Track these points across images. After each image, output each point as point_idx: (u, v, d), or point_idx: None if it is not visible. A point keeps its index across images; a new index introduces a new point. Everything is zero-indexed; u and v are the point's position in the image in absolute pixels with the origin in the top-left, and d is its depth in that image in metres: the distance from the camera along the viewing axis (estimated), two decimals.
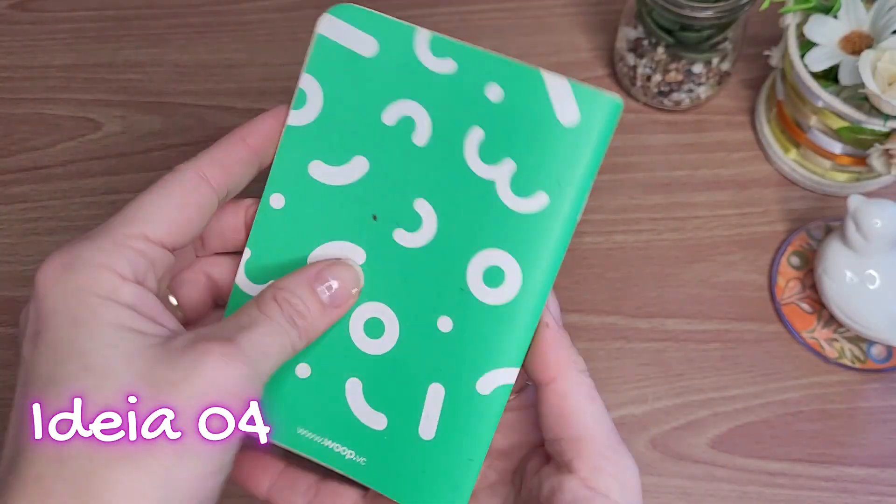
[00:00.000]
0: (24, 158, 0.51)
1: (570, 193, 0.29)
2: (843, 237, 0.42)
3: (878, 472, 0.42)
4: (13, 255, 0.48)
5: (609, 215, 0.49)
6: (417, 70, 0.30)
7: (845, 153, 0.46)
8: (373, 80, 0.30)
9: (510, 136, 0.29)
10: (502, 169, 0.29)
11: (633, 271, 0.47)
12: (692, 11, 0.43)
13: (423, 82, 0.30)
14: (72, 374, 0.25)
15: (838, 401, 0.44)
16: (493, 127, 0.29)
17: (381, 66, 0.30)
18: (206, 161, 0.30)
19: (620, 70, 0.51)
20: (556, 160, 0.29)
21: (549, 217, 0.29)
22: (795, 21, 0.44)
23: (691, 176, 0.50)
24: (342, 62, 0.31)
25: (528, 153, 0.29)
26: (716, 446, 0.43)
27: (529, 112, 0.29)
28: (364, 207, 0.31)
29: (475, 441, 0.30)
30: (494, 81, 0.29)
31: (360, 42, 0.30)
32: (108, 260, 0.27)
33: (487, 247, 0.30)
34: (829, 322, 0.45)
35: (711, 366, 0.45)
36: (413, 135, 0.30)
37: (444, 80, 0.30)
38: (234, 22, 0.55)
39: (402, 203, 0.30)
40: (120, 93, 0.53)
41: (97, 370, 0.25)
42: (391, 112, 0.30)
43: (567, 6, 0.55)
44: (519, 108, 0.29)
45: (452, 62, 0.30)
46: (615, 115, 0.29)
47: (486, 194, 0.29)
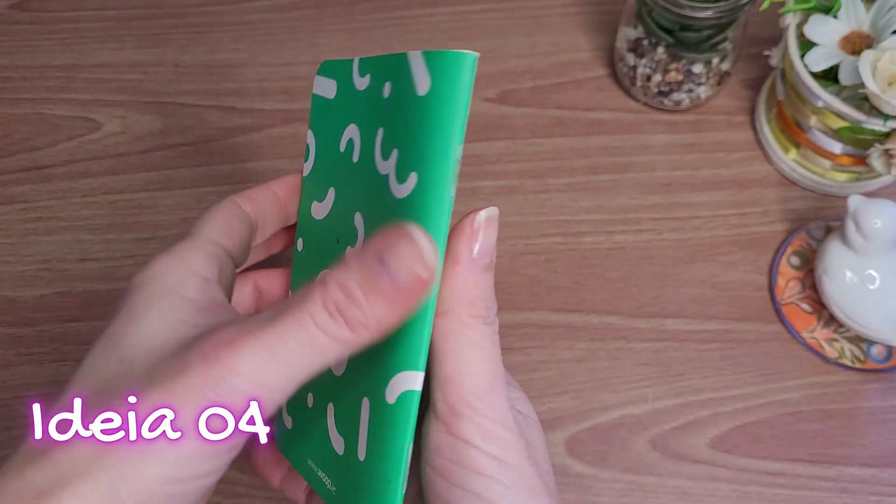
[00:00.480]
0: (24, 158, 0.51)
1: (433, 165, 0.26)
2: (843, 237, 0.42)
3: (878, 472, 0.42)
4: (13, 255, 0.48)
5: (609, 215, 0.49)
6: (352, 94, 0.31)
7: (845, 153, 0.46)
8: (334, 117, 0.32)
9: (395, 126, 0.28)
10: (391, 161, 0.28)
11: (633, 271, 0.47)
12: (692, 11, 0.43)
13: (355, 104, 0.31)
14: (110, 362, 0.25)
15: (838, 401, 0.44)
16: (387, 123, 0.29)
17: (338, 102, 0.32)
18: (237, 195, 0.32)
19: (620, 70, 0.51)
20: (418, 134, 0.27)
21: (420, 196, 0.26)
22: (795, 21, 0.44)
23: (691, 176, 0.50)
24: (322, 111, 0.33)
25: (403, 137, 0.28)
26: (716, 446, 0.43)
27: (402, 97, 0.28)
28: (333, 233, 0.32)
29: (391, 457, 0.27)
30: (388, 80, 0.29)
31: (328, 89, 0.33)
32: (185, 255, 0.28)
33: None
34: (829, 322, 0.45)
35: (711, 366, 0.45)
36: (352, 154, 0.31)
37: (363, 95, 0.31)
38: (234, 22, 0.55)
39: (348, 221, 0.31)
40: (120, 93, 0.53)
41: (127, 361, 0.25)
42: (343, 140, 0.32)
43: (567, 6, 0.55)
44: (397, 97, 0.28)
45: (368, 76, 0.31)
46: (465, 69, 0.26)
47: (385, 190, 0.28)
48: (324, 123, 0.33)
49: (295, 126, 0.51)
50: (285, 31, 0.55)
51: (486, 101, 0.52)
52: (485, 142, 0.51)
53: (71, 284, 0.47)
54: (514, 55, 0.54)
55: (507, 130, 0.51)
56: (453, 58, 0.26)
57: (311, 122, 0.34)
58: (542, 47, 0.54)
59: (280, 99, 0.52)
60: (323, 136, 0.33)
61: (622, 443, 0.43)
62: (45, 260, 0.48)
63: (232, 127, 0.52)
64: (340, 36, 0.55)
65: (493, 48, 0.54)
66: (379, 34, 0.55)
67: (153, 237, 0.48)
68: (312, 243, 0.33)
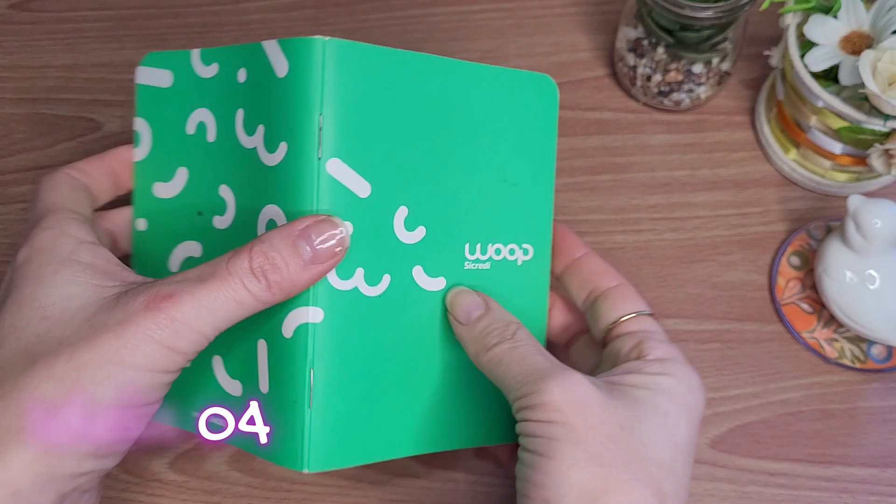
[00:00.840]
0: (24, 158, 0.51)
1: (302, 134, 0.32)
2: (843, 237, 0.42)
3: (878, 472, 0.42)
4: (13, 256, 0.48)
5: (609, 215, 0.49)
6: (197, 82, 0.36)
7: (845, 153, 0.46)
8: (175, 103, 0.36)
9: (256, 106, 0.33)
10: (258, 135, 0.33)
11: (633, 271, 0.47)
12: (692, 11, 0.43)
13: (202, 90, 0.36)
14: (31, 321, 0.29)
15: (838, 401, 0.44)
16: (247, 104, 0.34)
17: (178, 90, 0.36)
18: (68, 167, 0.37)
19: (620, 70, 0.51)
20: (283, 110, 0.32)
21: (292, 162, 0.32)
22: (795, 21, 0.44)
23: (691, 176, 0.50)
24: (155, 99, 0.37)
25: (268, 114, 0.33)
26: (716, 446, 0.43)
27: (261, 80, 0.33)
28: (191, 208, 0.36)
29: (295, 380, 0.32)
30: (242, 66, 0.34)
31: (160, 78, 0.37)
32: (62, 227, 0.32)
33: (266, 204, 0.33)
34: (829, 322, 0.45)
35: (711, 366, 0.45)
36: (206, 134, 0.35)
37: (213, 82, 0.35)
38: (234, 22, 0.55)
39: (212, 194, 0.35)
40: (120, 93, 0.53)
41: (53, 318, 0.29)
42: (190, 123, 0.36)
43: (567, 6, 0.55)
44: (256, 80, 0.33)
45: (216, 65, 0.35)
46: (318, 51, 0.32)
47: (254, 161, 0.33)
48: (159, 110, 0.37)
49: None
50: (285, 31, 0.55)
51: None
52: None
53: None
54: (514, 55, 0.54)
55: None
56: (304, 43, 0.32)
57: (138, 111, 0.38)
58: (542, 47, 0.54)
59: None
60: (160, 121, 0.37)
61: None
62: None
63: None
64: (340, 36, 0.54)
65: (493, 48, 0.54)
66: (379, 34, 0.55)
67: None
68: (160, 220, 0.37)
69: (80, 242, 0.32)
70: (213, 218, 0.35)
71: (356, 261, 0.33)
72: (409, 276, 0.35)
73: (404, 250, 0.34)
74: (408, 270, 0.34)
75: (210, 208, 0.35)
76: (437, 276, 0.35)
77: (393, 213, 0.34)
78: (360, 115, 0.32)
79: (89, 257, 0.31)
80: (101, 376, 0.28)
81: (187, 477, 0.42)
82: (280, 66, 0.32)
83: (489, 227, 0.37)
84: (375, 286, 0.34)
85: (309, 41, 0.31)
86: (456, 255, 0.36)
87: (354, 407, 0.33)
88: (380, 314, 0.34)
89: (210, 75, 0.35)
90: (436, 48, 0.54)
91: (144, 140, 0.37)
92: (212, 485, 0.42)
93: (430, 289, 0.35)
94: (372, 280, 0.33)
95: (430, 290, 0.35)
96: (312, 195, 0.32)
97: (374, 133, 0.33)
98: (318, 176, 0.32)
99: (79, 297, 0.30)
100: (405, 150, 0.34)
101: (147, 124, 0.38)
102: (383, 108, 0.33)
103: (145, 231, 0.38)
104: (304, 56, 0.32)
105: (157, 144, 0.37)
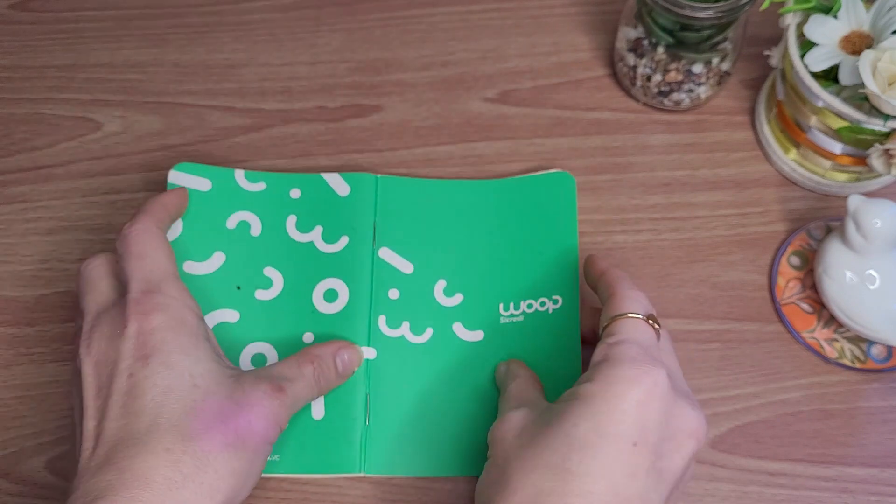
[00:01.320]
0: (24, 158, 0.51)
1: (361, 231, 0.46)
2: (843, 237, 0.42)
3: (878, 472, 0.42)
4: (13, 255, 0.48)
5: (609, 215, 0.49)
6: (241, 192, 0.47)
7: (845, 153, 0.46)
8: (213, 204, 0.46)
9: (313, 214, 0.46)
10: (315, 232, 0.46)
11: (633, 271, 0.47)
12: (692, 11, 0.43)
13: (247, 199, 0.47)
14: (184, 386, 0.36)
15: (838, 401, 0.44)
16: (301, 212, 0.46)
17: (216, 194, 0.46)
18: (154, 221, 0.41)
19: (620, 70, 0.51)
20: (346, 215, 0.46)
21: (352, 249, 0.45)
22: (795, 21, 0.44)
23: (691, 176, 0.50)
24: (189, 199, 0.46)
25: (327, 218, 0.46)
26: (716, 446, 0.43)
27: (320, 197, 0.47)
28: (229, 282, 0.45)
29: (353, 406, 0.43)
30: (295, 187, 0.47)
31: (198, 183, 0.46)
32: (187, 301, 0.39)
33: (321, 279, 0.45)
34: (829, 322, 0.45)
35: (711, 366, 0.45)
36: (250, 230, 0.46)
37: (260, 195, 0.47)
38: (234, 22, 0.55)
39: (256, 273, 0.45)
40: (120, 93, 0.53)
41: (202, 388, 0.36)
42: (231, 221, 0.46)
43: (567, 6, 0.55)
44: (312, 197, 0.47)
45: (263, 183, 0.47)
46: (372, 181, 0.47)
47: (310, 249, 0.45)
48: (195, 208, 0.46)
49: (295, 126, 0.51)
50: (285, 31, 0.55)
51: (486, 101, 0.52)
52: (485, 142, 0.51)
53: (71, 284, 0.47)
54: (514, 55, 0.54)
55: (507, 130, 0.51)
56: (363, 176, 0.47)
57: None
58: (542, 47, 0.54)
59: (280, 99, 0.52)
60: (196, 217, 0.46)
61: None
62: (45, 260, 0.48)
63: (232, 127, 0.52)
64: (340, 36, 0.55)
65: (493, 48, 0.54)
66: (379, 34, 0.55)
67: None
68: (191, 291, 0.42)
69: (199, 318, 0.39)
70: (255, 291, 0.45)
71: (403, 316, 0.44)
72: (450, 330, 0.44)
73: (445, 311, 0.45)
74: (448, 326, 0.44)
75: (251, 283, 0.45)
76: (476, 330, 0.44)
77: (433, 284, 0.45)
78: (402, 220, 0.46)
79: (207, 333, 0.39)
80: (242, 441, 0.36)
81: None
82: (341, 189, 0.47)
83: (520, 288, 0.45)
84: (420, 335, 0.44)
85: (366, 176, 0.47)
86: (492, 312, 0.44)
87: (401, 428, 0.42)
88: (424, 357, 0.44)
89: (256, 190, 0.47)
90: (436, 48, 0.54)
91: (175, 229, 0.45)
92: None
93: (469, 340, 0.44)
94: (417, 331, 0.44)
95: (469, 340, 0.44)
96: (369, 273, 0.45)
97: (413, 230, 0.46)
98: (373, 258, 0.45)
99: (216, 372, 0.37)
100: (440, 241, 0.46)
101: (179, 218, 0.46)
102: (419, 214, 0.46)
103: None
104: (362, 184, 0.47)
105: (189, 234, 0.45)
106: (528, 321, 0.44)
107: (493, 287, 0.45)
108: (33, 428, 0.44)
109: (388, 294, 0.44)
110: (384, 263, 0.45)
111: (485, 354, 0.44)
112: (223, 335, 0.43)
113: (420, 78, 0.53)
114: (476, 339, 0.44)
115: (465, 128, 0.51)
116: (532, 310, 0.44)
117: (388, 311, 0.44)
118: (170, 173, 0.46)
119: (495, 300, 0.45)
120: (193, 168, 0.47)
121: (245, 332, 0.44)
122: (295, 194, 0.47)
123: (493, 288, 0.45)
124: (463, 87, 0.53)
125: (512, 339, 0.44)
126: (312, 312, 0.44)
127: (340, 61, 0.54)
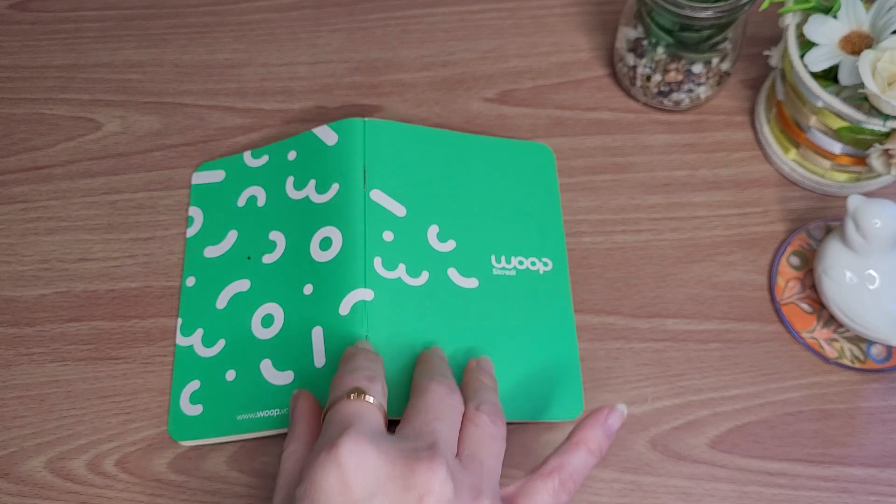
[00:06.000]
0: (24, 158, 0.51)
1: (351, 175, 0.44)
2: (843, 237, 0.42)
3: (878, 472, 0.42)
4: (13, 255, 0.48)
5: (609, 215, 0.49)
6: (248, 171, 0.48)
7: (845, 153, 0.46)
8: (227, 189, 0.48)
9: (307, 169, 0.46)
10: (309, 187, 0.46)
11: (633, 271, 0.47)
12: (692, 11, 0.43)
13: (253, 175, 0.48)
14: None
15: (838, 401, 0.44)
16: (296, 171, 0.47)
17: (230, 180, 0.49)
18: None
19: (620, 70, 0.51)
20: (335, 162, 0.45)
21: (344, 194, 0.44)
22: (795, 21, 0.44)
23: (691, 176, 0.50)
24: (208, 191, 0.49)
25: (319, 169, 0.46)
26: (716, 446, 0.43)
27: (311, 152, 0.47)
28: (240, 256, 0.46)
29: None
30: (292, 150, 0.47)
31: (214, 177, 0.49)
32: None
33: (318, 229, 0.44)
34: (829, 322, 0.45)
35: (711, 366, 0.45)
36: (256, 202, 0.47)
37: (263, 168, 0.48)
38: (234, 22, 0.55)
39: (262, 240, 0.46)
40: (120, 93, 0.53)
41: None
42: (241, 199, 0.48)
43: (567, 6, 0.55)
44: (306, 153, 0.47)
45: (266, 156, 0.48)
46: (360, 126, 0.46)
47: (306, 204, 0.45)
48: (212, 198, 0.48)
49: (295, 126, 0.51)
50: (285, 31, 0.55)
51: (486, 101, 0.52)
52: None
53: (71, 284, 0.47)
54: (514, 55, 0.54)
55: (507, 130, 0.51)
56: (350, 122, 0.46)
57: (193, 201, 0.49)
58: (542, 47, 0.54)
59: (280, 99, 0.53)
60: (212, 206, 0.48)
61: (622, 443, 0.43)
62: (45, 260, 0.48)
63: (232, 127, 0.52)
64: (340, 36, 0.55)
65: (493, 48, 0.54)
66: (379, 34, 0.55)
67: (153, 237, 0.48)
68: (209, 273, 0.46)
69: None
70: (263, 256, 0.45)
71: (399, 258, 0.43)
72: (445, 274, 0.44)
73: (439, 256, 0.44)
74: (444, 270, 0.44)
75: (259, 251, 0.46)
76: (470, 277, 0.44)
77: (426, 229, 0.45)
78: (392, 163, 0.45)
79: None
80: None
81: (187, 477, 0.42)
82: (329, 138, 0.46)
83: (510, 244, 0.46)
84: (416, 278, 0.43)
85: (353, 121, 0.46)
86: (484, 262, 0.45)
87: (399, 373, 0.41)
88: (421, 300, 0.43)
89: (260, 164, 0.48)
90: (436, 48, 0.54)
91: (197, 222, 0.48)
92: (211, 485, 0.42)
93: (465, 286, 0.44)
94: (413, 273, 0.43)
95: (464, 287, 0.44)
96: (361, 215, 0.43)
97: (404, 175, 0.45)
98: (365, 200, 0.44)
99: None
100: (431, 187, 0.46)
101: (200, 211, 0.48)
102: (409, 160, 0.46)
103: (193, 287, 0.46)
104: (349, 130, 0.46)
105: (208, 222, 0.48)
106: (520, 277, 0.45)
107: (484, 237, 0.46)
108: (33, 428, 0.44)
109: (382, 236, 0.43)
110: (376, 205, 0.44)
111: (481, 301, 0.44)
112: (237, 305, 0.45)
113: (420, 78, 0.53)
114: (471, 287, 0.44)
115: (464, 128, 0.51)
116: (523, 266, 0.45)
117: (384, 253, 0.43)
118: (193, 176, 0.49)
119: (487, 250, 0.45)
120: (212, 164, 0.49)
121: (255, 297, 0.45)
122: (292, 156, 0.47)
123: (484, 238, 0.46)
124: (463, 87, 0.53)
125: (505, 292, 0.44)
126: (311, 264, 0.44)
127: (340, 61, 0.54)
